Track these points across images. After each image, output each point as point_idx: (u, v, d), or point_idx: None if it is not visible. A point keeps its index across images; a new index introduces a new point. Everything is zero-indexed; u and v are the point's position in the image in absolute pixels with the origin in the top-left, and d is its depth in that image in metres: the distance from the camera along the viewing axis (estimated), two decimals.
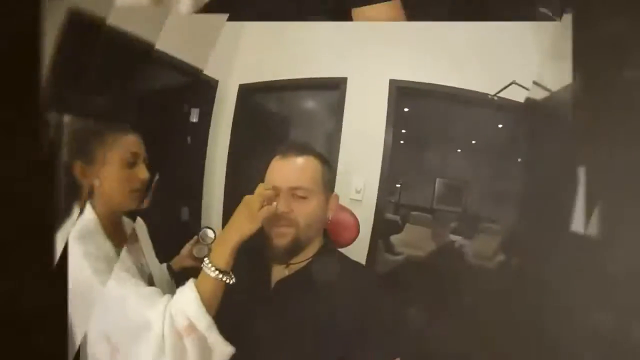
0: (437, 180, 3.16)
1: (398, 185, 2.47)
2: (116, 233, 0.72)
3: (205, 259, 0.62)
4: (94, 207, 0.66)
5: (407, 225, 2.64)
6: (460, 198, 2.88)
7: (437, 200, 3.08)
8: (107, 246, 0.67)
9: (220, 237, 0.64)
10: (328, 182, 0.76)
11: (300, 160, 0.72)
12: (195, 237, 0.97)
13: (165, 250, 0.95)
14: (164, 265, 0.95)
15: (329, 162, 0.77)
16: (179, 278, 0.93)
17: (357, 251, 0.84)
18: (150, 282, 0.81)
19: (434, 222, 2.43)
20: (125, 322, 0.61)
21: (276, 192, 0.68)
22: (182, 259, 0.97)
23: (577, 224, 0.94)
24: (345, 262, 0.80)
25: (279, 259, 0.74)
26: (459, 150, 2.89)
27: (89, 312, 0.58)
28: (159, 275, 0.89)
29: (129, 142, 0.67)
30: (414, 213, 2.70)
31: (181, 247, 0.99)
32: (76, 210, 0.63)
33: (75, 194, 0.63)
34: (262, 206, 0.63)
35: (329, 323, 0.67)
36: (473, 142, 2.74)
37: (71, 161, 0.62)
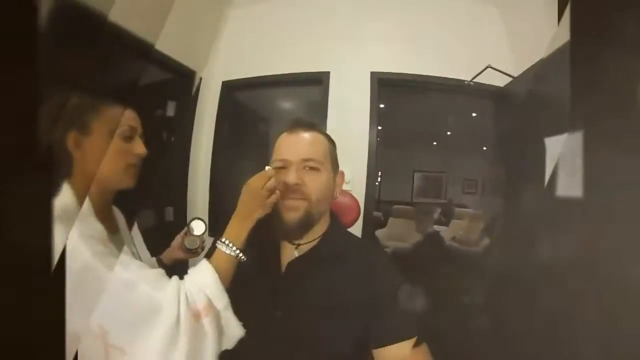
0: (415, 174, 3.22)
1: (377, 183, 2.43)
2: (105, 218, 0.63)
3: (222, 237, 0.60)
4: (73, 187, 0.57)
5: (391, 219, 2.65)
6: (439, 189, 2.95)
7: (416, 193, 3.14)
8: (100, 228, 0.58)
9: (235, 215, 0.62)
10: (335, 159, 0.72)
11: (308, 135, 0.68)
12: (185, 228, 0.90)
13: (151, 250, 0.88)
14: (154, 258, 0.86)
15: (333, 141, 0.74)
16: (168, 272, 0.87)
17: None
18: None
19: (416, 214, 2.44)
20: (130, 310, 0.52)
21: (286, 164, 0.65)
22: (172, 252, 0.90)
23: (562, 189, 0.95)
24: (354, 239, 0.76)
25: (290, 235, 0.68)
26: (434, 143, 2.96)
27: (91, 302, 0.48)
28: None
29: (127, 116, 0.61)
30: (395, 207, 2.71)
31: (167, 246, 0.90)
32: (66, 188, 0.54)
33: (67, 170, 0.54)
34: (269, 194, 0.62)
35: (345, 302, 0.62)
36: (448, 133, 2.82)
37: (64, 132, 0.54)
